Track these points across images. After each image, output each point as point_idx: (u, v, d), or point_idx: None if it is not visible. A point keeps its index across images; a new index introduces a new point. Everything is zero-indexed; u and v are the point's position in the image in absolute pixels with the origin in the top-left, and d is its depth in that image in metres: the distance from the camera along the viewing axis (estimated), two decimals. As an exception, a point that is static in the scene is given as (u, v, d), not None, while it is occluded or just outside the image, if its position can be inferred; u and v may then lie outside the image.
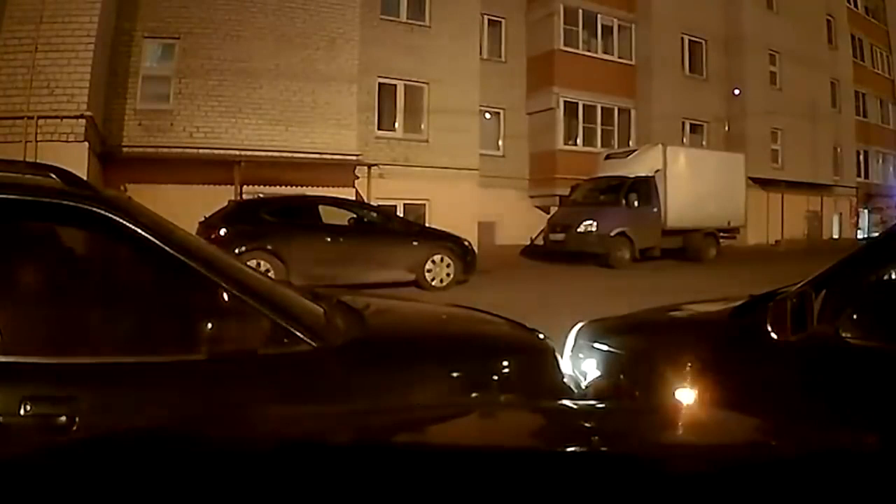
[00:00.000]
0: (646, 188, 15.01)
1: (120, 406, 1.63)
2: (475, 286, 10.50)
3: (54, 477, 0.83)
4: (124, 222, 1.76)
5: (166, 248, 1.78)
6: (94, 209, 1.76)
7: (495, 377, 2.11)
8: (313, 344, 1.84)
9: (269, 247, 9.21)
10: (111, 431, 1.26)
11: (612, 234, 14.11)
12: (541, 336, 2.48)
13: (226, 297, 1.81)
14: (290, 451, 0.93)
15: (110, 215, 1.76)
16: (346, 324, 2.14)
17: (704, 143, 21.39)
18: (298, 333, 1.84)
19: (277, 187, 12.30)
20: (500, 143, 19.21)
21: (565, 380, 2.35)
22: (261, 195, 11.50)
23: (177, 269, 1.79)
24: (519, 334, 2.53)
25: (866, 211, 27.92)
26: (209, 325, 1.71)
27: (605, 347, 2.83)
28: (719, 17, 21.69)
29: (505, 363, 2.19)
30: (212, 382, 1.72)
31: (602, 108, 19.72)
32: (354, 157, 13.68)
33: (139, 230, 1.77)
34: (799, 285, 2.10)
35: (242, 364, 1.74)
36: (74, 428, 1.55)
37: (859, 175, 27.36)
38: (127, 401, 1.65)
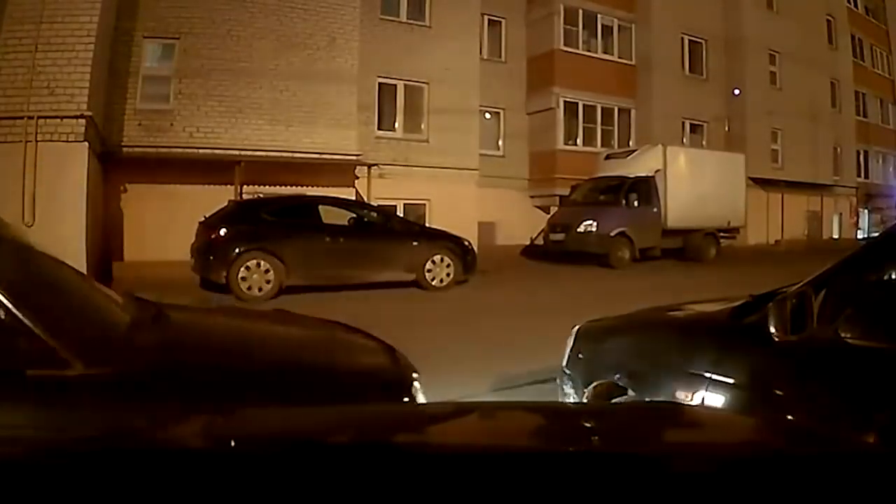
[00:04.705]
0: (646, 188, 15.02)
1: None
2: (475, 286, 10.52)
3: (50, 477, 0.83)
4: None
5: None
6: None
7: None
8: (83, 369, 1.67)
9: (268, 247, 9.22)
10: (107, 433, 1.26)
11: (612, 234, 14.12)
12: (400, 363, 2.26)
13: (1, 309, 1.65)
14: (290, 451, 0.93)
15: None
16: (151, 345, 1.95)
17: (704, 143, 21.38)
18: (66, 355, 1.67)
19: (277, 187, 12.30)
20: (500, 143, 19.19)
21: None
22: (261, 195, 11.47)
23: None
24: (371, 364, 2.30)
25: (866, 211, 27.93)
26: None
27: (604, 347, 2.84)
28: (719, 18, 21.69)
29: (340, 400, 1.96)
30: None
31: (602, 108, 19.72)
32: (354, 157, 13.66)
33: None
34: (799, 285, 2.10)
35: (5, 385, 1.59)
36: None
37: (859, 175, 27.38)
38: None
